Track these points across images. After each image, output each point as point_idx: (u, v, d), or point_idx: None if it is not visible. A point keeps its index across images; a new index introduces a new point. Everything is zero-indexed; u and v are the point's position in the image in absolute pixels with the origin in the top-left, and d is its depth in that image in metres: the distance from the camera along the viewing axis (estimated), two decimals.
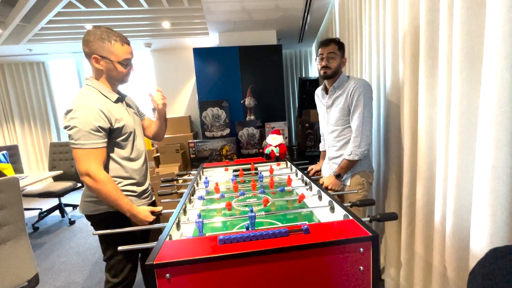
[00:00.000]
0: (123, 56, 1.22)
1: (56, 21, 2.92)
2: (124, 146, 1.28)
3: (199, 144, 3.11)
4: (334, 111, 1.63)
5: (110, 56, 1.19)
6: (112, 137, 1.23)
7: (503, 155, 0.79)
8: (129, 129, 1.29)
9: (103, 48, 1.18)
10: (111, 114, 1.21)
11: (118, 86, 1.33)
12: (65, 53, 4.24)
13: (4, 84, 4.53)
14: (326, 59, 1.56)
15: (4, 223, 1.41)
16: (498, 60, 0.77)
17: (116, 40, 1.19)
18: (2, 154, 3.11)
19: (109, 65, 1.21)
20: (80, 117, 1.13)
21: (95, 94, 1.22)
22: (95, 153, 1.16)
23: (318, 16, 3.18)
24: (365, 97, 1.49)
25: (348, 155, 1.53)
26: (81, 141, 1.13)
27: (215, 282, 0.78)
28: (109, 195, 1.17)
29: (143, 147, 1.42)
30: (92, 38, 1.17)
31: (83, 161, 1.14)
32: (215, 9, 2.71)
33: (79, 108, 1.14)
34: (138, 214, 1.24)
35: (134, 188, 1.34)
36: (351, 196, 1.60)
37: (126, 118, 1.28)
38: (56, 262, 2.48)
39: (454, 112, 0.97)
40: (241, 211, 1.25)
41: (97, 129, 1.15)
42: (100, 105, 1.18)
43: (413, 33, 1.27)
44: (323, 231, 0.88)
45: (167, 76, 4.31)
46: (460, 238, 1.02)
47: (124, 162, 1.29)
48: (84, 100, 1.17)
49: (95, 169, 1.15)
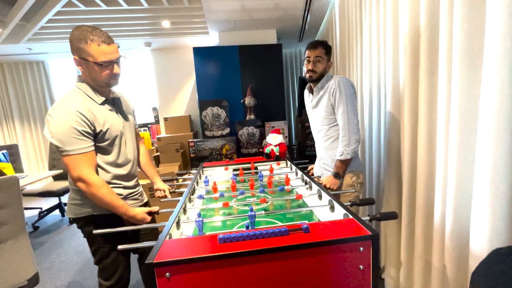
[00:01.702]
0: (100, 57, 1.10)
1: (56, 20, 2.92)
2: (108, 151, 1.22)
3: (199, 144, 3.11)
4: (319, 110, 1.65)
5: (88, 58, 1.10)
6: (95, 141, 1.18)
7: (503, 155, 0.79)
8: (114, 133, 1.22)
9: (79, 49, 1.09)
10: (94, 116, 1.14)
11: (107, 87, 1.23)
12: (65, 53, 4.23)
13: (4, 84, 4.53)
14: (312, 62, 1.56)
15: (4, 222, 1.41)
16: (498, 59, 0.77)
17: (92, 40, 1.08)
18: (2, 153, 3.11)
19: (89, 67, 1.13)
20: (59, 122, 1.08)
21: (78, 96, 1.15)
22: (84, 157, 1.12)
23: (318, 15, 3.17)
24: (346, 93, 1.50)
25: (340, 156, 1.54)
26: (68, 147, 1.09)
27: (215, 281, 0.78)
28: (103, 199, 1.14)
29: (133, 153, 1.34)
30: (72, 38, 1.10)
31: (74, 167, 1.11)
32: (215, 8, 2.71)
33: (59, 113, 1.09)
34: (135, 216, 1.23)
35: (120, 191, 1.28)
36: (343, 197, 1.60)
37: (112, 121, 1.21)
38: (56, 261, 2.48)
39: (454, 111, 0.97)
40: (241, 210, 1.25)
41: (79, 133, 1.10)
42: (80, 107, 1.11)
43: (413, 32, 1.27)
44: (323, 230, 0.88)
45: (167, 75, 4.31)
46: (460, 237, 1.02)
47: (109, 168, 1.23)
48: (66, 102, 1.12)
49: (87, 174, 1.12)
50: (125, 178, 1.31)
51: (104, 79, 1.15)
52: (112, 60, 1.14)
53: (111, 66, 1.15)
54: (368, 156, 2.08)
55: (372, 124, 1.91)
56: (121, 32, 3.36)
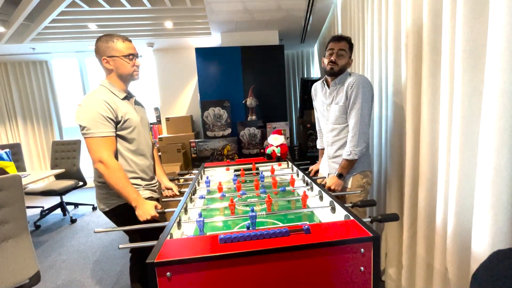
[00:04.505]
0: (127, 51, 1.34)
1: (59, 20, 2.93)
2: (129, 139, 1.37)
3: (200, 144, 3.11)
4: (334, 108, 1.59)
5: (115, 53, 1.32)
6: (118, 129, 1.33)
7: (505, 157, 0.79)
8: (133, 124, 1.37)
9: (108, 48, 1.32)
10: (116, 106, 1.31)
11: (129, 85, 1.43)
12: (68, 52, 4.26)
13: (7, 83, 4.56)
14: (335, 54, 1.51)
15: (6, 221, 1.41)
16: (500, 61, 0.76)
17: (118, 39, 1.33)
18: (5, 152, 3.13)
19: (116, 62, 1.33)
20: (88, 108, 1.25)
21: (104, 91, 1.34)
22: (106, 141, 1.26)
23: (321, 16, 3.17)
24: (363, 93, 1.46)
25: (347, 155, 1.51)
26: (92, 130, 1.24)
27: (216, 281, 0.78)
28: (119, 182, 1.25)
29: (148, 148, 1.48)
30: (99, 44, 1.32)
31: (95, 149, 1.25)
32: (217, 9, 2.72)
33: (88, 101, 1.27)
34: (142, 205, 1.27)
35: (138, 182, 1.41)
36: (352, 197, 1.59)
37: (132, 113, 1.38)
38: (57, 260, 2.49)
39: (457, 113, 0.97)
40: (242, 210, 1.25)
41: (104, 118, 1.26)
42: (106, 98, 1.29)
43: (415, 34, 1.27)
44: (324, 231, 0.88)
45: (169, 75, 4.32)
46: (462, 240, 1.02)
47: (128, 155, 1.38)
48: (93, 95, 1.30)
49: (107, 156, 1.25)
50: (143, 169, 1.44)
51: (130, 71, 1.37)
52: (135, 54, 1.38)
53: (134, 59, 1.37)
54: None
55: (374, 125, 1.90)
56: (124, 32, 3.37)
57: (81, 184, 3.55)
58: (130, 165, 1.38)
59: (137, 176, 1.41)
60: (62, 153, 3.61)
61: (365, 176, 1.60)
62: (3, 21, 2.87)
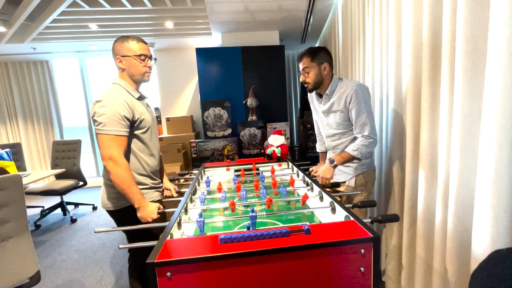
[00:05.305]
0: (139, 51, 1.36)
1: (60, 20, 2.94)
2: (142, 139, 1.39)
3: (200, 144, 3.12)
4: (333, 116, 1.58)
5: (128, 53, 1.35)
6: (133, 129, 1.35)
7: (505, 157, 0.79)
8: (148, 124, 1.40)
9: (122, 47, 1.35)
10: (133, 106, 1.34)
11: (140, 86, 1.45)
12: (69, 52, 4.26)
13: (8, 83, 4.56)
14: (302, 75, 1.56)
15: (6, 220, 1.41)
16: (501, 62, 0.76)
17: (133, 39, 1.37)
18: (5, 151, 3.13)
19: (129, 62, 1.36)
20: (108, 105, 1.26)
21: (122, 89, 1.36)
22: (118, 140, 1.27)
23: (321, 17, 3.18)
24: (365, 101, 1.46)
25: (353, 150, 1.47)
26: (107, 127, 1.25)
27: (216, 281, 0.78)
28: (125, 181, 1.26)
29: (157, 149, 1.51)
30: (115, 44, 1.36)
31: (107, 146, 1.25)
32: (218, 9, 2.72)
33: (108, 99, 1.28)
34: (146, 207, 1.28)
35: (146, 181, 1.43)
36: (355, 197, 1.59)
37: (146, 114, 1.41)
38: (57, 259, 2.49)
39: (457, 114, 0.97)
40: (242, 211, 1.25)
41: (122, 118, 1.27)
42: (125, 97, 1.32)
43: (416, 34, 1.27)
44: (324, 231, 0.88)
45: (169, 75, 4.33)
46: (462, 240, 1.02)
47: (141, 155, 1.40)
48: (112, 93, 1.32)
49: (117, 154, 1.26)
50: (153, 169, 1.46)
51: (141, 71, 1.38)
52: (148, 55, 1.39)
53: (147, 60, 1.39)
54: None
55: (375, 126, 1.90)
56: (125, 32, 3.38)
57: (81, 184, 3.56)
58: (142, 165, 1.40)
59: (147, 175, 1.43)
60: (62, 153, 3.61)
61: (369, 176, 1.60)
62: (4, 21, 2.88)
